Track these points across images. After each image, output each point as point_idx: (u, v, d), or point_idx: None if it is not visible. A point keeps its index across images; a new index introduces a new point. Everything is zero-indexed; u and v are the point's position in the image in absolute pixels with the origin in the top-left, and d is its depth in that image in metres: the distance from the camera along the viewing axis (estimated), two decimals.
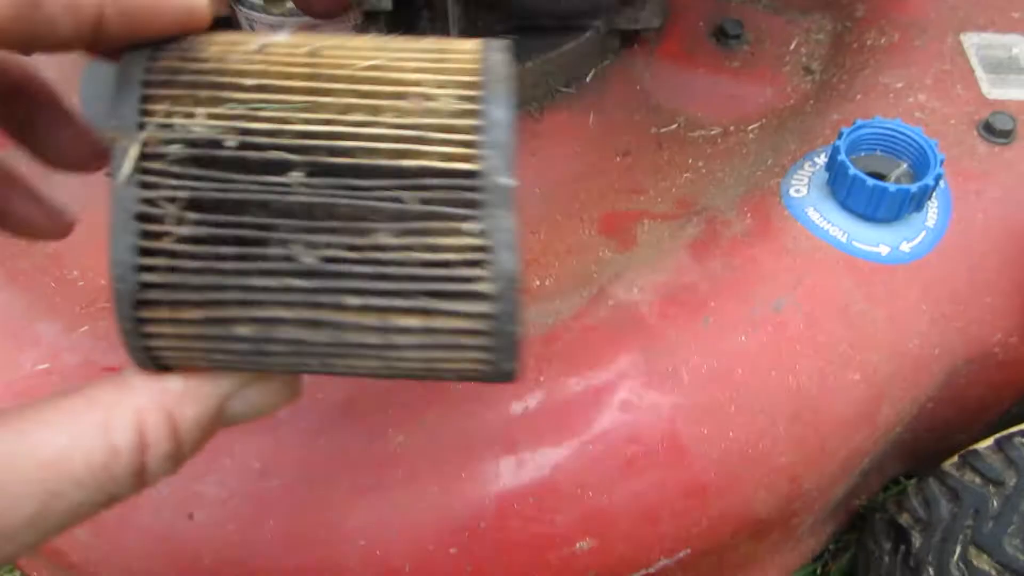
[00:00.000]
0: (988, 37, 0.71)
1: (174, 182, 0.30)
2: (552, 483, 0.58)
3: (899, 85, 0.69)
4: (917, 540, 0.67)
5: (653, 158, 0.75)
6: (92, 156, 0.40)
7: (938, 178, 0.59)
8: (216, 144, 0.30)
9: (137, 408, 0.31)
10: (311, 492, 0.58)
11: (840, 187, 0.61)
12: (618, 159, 0.75)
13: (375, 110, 0.31)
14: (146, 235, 0.30)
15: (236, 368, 0.34)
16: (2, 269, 0.71)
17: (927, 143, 0.60)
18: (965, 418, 0.74)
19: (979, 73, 0.69)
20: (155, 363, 0.33)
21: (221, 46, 0.32)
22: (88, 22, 0.30)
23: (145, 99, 0.30)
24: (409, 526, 0.58)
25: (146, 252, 0.30)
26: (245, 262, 0.30)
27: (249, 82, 0.31)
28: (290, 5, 0.57)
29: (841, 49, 0.77)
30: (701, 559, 0.64)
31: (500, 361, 0.33)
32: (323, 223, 0.30)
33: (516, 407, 0.59)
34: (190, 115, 0.30)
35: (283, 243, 0.30)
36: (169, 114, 0.30)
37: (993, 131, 0.65)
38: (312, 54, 0.32)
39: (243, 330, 0.31)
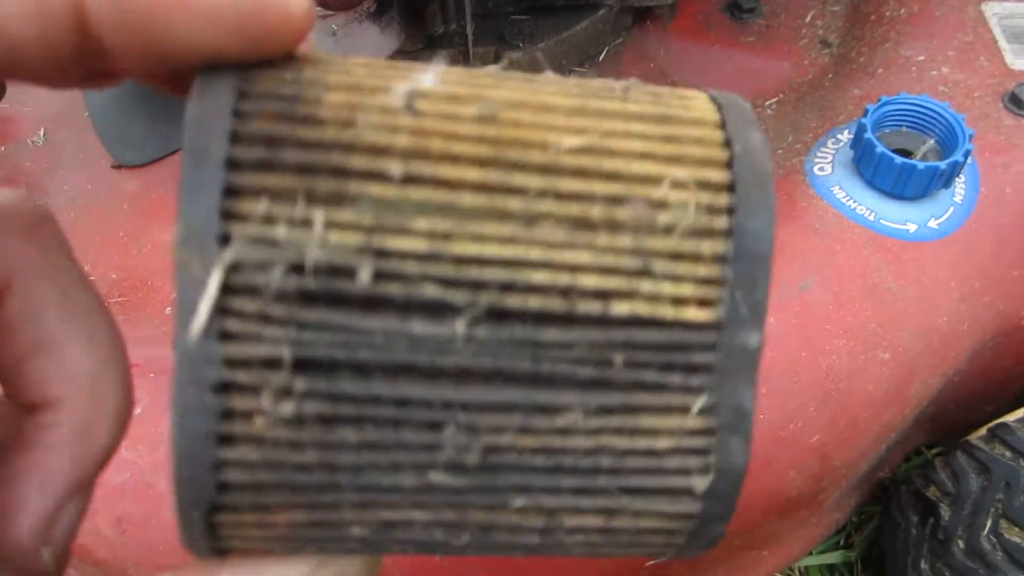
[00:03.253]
0: (1010, 6, 0.70)
1: (274, 332, 0.19)
2: None
3: (921, 58, 0.68)
4: (946, 513, 0.67)
5: None
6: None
7: (967, 154, 0.58)
8: (340, 272, 0.19)
9: None
10: None
11: (867, 165, 0.60)
12: None
13: (579, 223, 0.21)
14: (229, 415, 0.20)
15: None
16: None
17: (955, 118, 0.59)
18: (991, 390, 0.74)
19: (1002, 43, 0.68)
20: (220, 553, 0.23)
21: (345, 92, 0.21)
22: (60, 29, 0.19)
23: (231, 191, 0.19)
24: None
25: (227, 440, 0.20)
26: (373, 452, 0.21)
27: (395, 169, 0.20)
28: None
29: (859, 21, 0.76)
30: (731, 538, 0.64)
31: (687, 551, 0.24)
32: (488, 396, 0.20)
33: None
34: (302, 222, 0.19)
35: (429, 426, 0.20)
36: (269, 219, 0.19)
37: (1019, 103, 0.64)
38: (486, 120, 0.21)
39: (358, 531, 0.22)
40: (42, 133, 0.78)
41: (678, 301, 0.21)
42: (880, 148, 0.58)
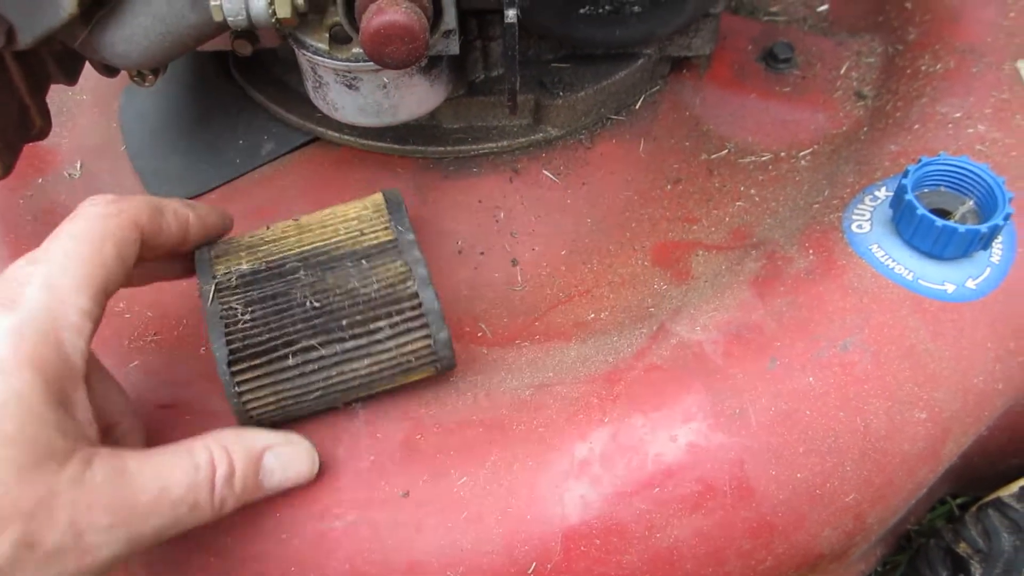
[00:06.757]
0: None
1: (236, 297, 0.57)
2: (618, 524, 0.58)
3: (957, 115, 0.68)
4: (977, 570, 0.67)
5: (704, 185, 0.75)
6: None
7: (1007, 217, 0.58)
8: (254, 272, 0.58)
9: (205, 443, 0.52)
10: (373, 533, 0.58)
11: (906, 225, 0.60)
12: (669, 187, 0.74)
13: (327, 235, 0.60)
14: (227, 326, 0.56)
15: (293, 406, 0.58)
16: None
17: (995, 181, 0.59)
18: (1018, 444, 0.74)
19: None
20: (247, 414, 0.57)
21: (248, 235, 0.61)
22: (184, 230, 0.57)
23: (214, 267, 0.59)
24: (474, 568, 0.58)
25: (229, 335, 0.56)
26: (283, 318, 0.56)
27: (267, 239, 0.61)
28: (356, 50, 0.56)
29: (894, 74, 0.76)
30: None
31: (439, 356, 0.59)
32: (320, 289, 0.57)
33: (580, 448, 0.59)
34: (236, 263, 0.59)
35: (301, 304, 0.56)
36: (227, 268, 0.58)
37: None
38: (296, 220, 0.62)
39: (290, 361, 0.56)
40: (79, 166, 0.78)
41: (378, 236, 0.60)
42: (921, 210, 0.58)
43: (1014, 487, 0.68)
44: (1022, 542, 0.64)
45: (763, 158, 0.75)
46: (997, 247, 0.63)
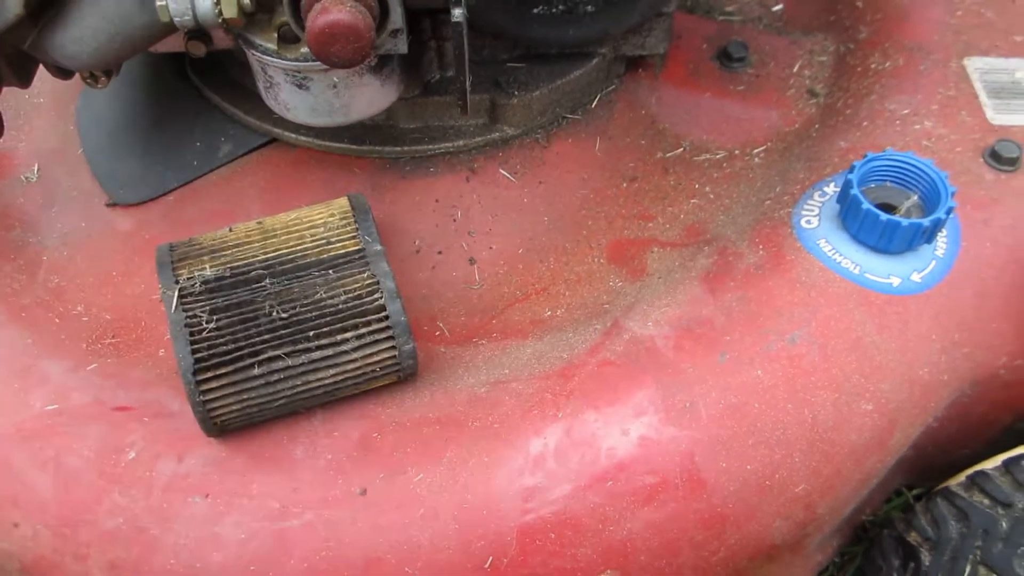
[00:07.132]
0: (991, 61, 0.72)
1: (201, 303, 0.58)
2: (572, 518, 0.59)
3: (905, 111, 0.69)
4: (926, 558, 0.68)
5: (660, 183, 0.75)
6: None
7: (949, 211, 0.59)
8: (218, 278, 0.59)
9: None
10: (330, 531, 0.58)
11: (852, 220, 0.61)
12: (625, 185, 0.75)
13: (292, 240, 0.61)
14: (192, 334, 0.56)
15: (257, 413, 0.59)
16: (4, 305, 0.70)
17: (938, 176, 0.60)
18: (968, 434, 0.76)
19: (983, 99, 0.70)
20: (211, 421, 0.58)
21: (211, 235, 0.62)
22: None
23: (176, 270, 0.59)
24: (431, 564, 0.58)
25: (194, 343, 0.56)
26: (249, 328, 0.57)
27: (231, 244, 0.61)
28: (304, 50, 0.57)
29: (845, 72, 0.77)
30: None
31: (403, 366, 0.60)
32: (287, 299, 0.58)
33: (535, 443, 0.60)
34: (199, 268, 0.59)
35: (267, 314, 0.57)
36: (190, 272, 0.59)
37: (999, 159, 0.66)
38: (260, 223, 0.63)
39: (256, 370, 0.56)
40: (36, 169, 0.78)
41: (345, 245, 0.61)
42: (866, 204, 0.60)
43: (962, 476, 0.69)
44: (969, 529, 0.65)
45: (718, 156, 0.76)
46: (942, 241, 0.64)
